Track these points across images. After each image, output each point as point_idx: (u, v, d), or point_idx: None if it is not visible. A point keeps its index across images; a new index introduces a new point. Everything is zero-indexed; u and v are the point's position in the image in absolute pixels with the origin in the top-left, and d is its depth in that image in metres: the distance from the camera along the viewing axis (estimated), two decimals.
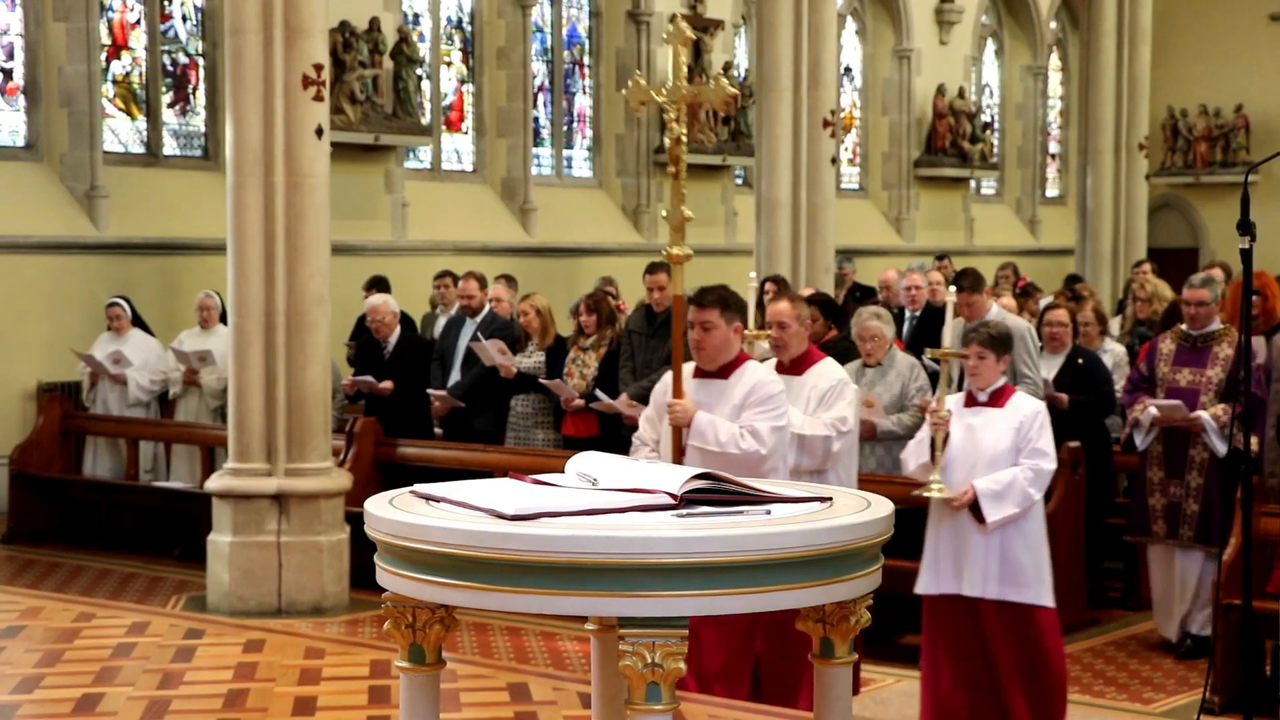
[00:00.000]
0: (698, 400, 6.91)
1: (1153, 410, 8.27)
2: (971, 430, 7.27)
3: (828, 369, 7.83)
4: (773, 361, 7.71)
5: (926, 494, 7.22)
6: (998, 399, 7.27)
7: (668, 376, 7.08)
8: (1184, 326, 8.50)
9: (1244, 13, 23.22)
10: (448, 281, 12.26)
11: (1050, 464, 7.11)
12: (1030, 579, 7.03)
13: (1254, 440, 7.76)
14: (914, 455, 7.42)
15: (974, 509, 7.06)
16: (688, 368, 7.05)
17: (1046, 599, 7.01)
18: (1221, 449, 8.14)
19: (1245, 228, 5.54)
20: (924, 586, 7.25)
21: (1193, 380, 8.31)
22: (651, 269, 10.37)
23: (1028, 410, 7.22)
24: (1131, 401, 8.49)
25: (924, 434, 7.35)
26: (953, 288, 8.35)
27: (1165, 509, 8.38)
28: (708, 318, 6.93)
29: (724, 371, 6.98)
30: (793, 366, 7.74)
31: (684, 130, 6.31)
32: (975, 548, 7.14)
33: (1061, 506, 8.71)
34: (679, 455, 6.88)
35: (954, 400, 7.45)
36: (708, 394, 6.97)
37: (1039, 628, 6.99)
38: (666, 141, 6.85)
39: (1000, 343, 7.31)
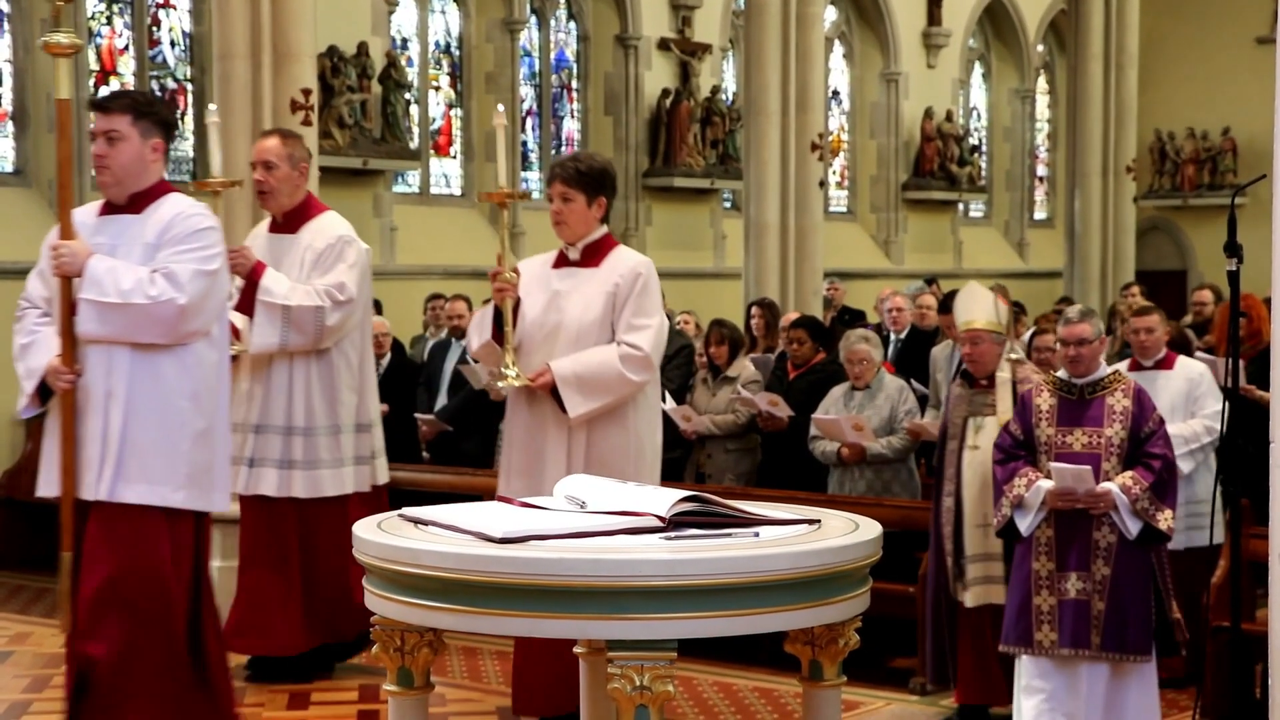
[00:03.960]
0: (101, 243, 5.44)
1: (1045, 484, 6.33)
2: (557, 298, 5.86)
3: (326, 224, 6.99)
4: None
5: (500, 383, 5.90)
6: (593, 256, 5.83)
7: (73, 219, 5.44)
8: (1062, 374, 6.52)
9: (1230, 36, 23.31)
10: (440, 304, 12.26)
11: (648, 340, 5.78)
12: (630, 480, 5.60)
13: (1169, 516, 6.28)
14: (477, 331, 6.00)
15: (558, 398, 5.79)
16: (91, 206, 5.67)
17: None
18: (1134, 529, 6.28)
19: (1233, 250, 5.57)
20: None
21: (1089, 443, 6.37)
22: None
23: (627, 269, 5.79)
24: (1008, 475, 6.43)
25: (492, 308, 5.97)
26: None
27: (1057, 610, 6.37)
28: (114, 126, 5.39)
29: (136, 203, 5.48)
30: (286, 223, 6.92)
31: None
32: (555, 450, 5.89)
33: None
34: (69, 314, 5.45)
35: (540, 260, 6.02)
36: (114, 233, 5.49)
37: None
38: None
39: (593, 180, 5.81)
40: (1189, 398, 7.77)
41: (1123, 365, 7.80)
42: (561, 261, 5.98)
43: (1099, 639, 6.30)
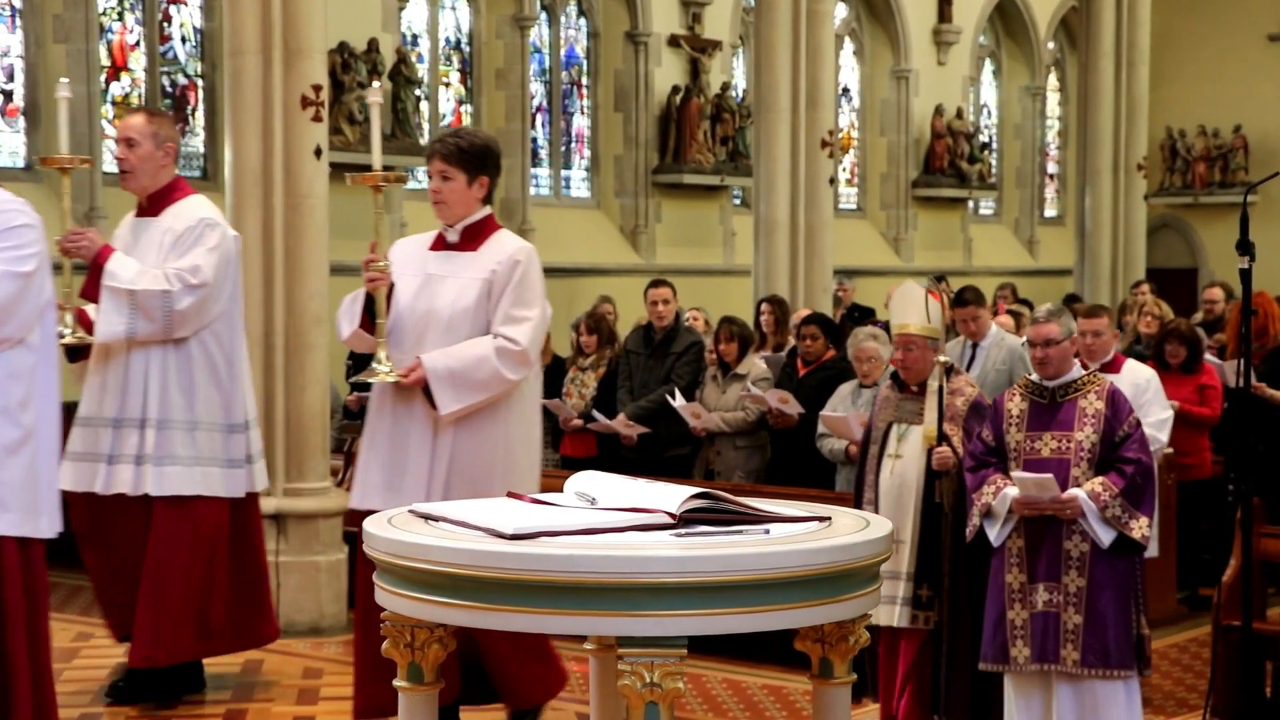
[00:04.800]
0: None
1: (1011, 490, 6.00)
2: (430, 283, 5.52)
3: (190, 208, 6.66)
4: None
5: (370, 377, 5.57)
6: (473, 239, 5.47)
7: None
8: (1034, 376, 6.22)
9: (1242, 33, 23.26)
10: None
11: (525, 333, 5.40)
12: (496, 490, 5.22)
13: (1144, 524, 5.92)
14: (346, 319, 5.64)
15: (428, 393, 5.44)
16: None
17: None
18: (1105, 538, 5.93)
19: (1244, 247, 5.57)
20: (354, 500, 5.78)
21: (1058, 448, 6.05)
22: (655, 284, 10.31)
23: (505, 256, 5.41)
24: (978, 482, 6.15)
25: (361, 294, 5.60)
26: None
27: (1031, 624, 6.05)
28: None
29: None
30: (150, 206, 6.68)
31: None
32: (418, 450, 5.52)
33: None
34: None
35: (417, 241, 5.68)
36: None
37: None
38: None
39: (474, 158, 5.48)
40: (1134, 404, 7.54)
41: None
42: (440, 244, 5.65)
43: (1078, 654, 5.94)
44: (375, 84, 6.00)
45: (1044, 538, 6.00)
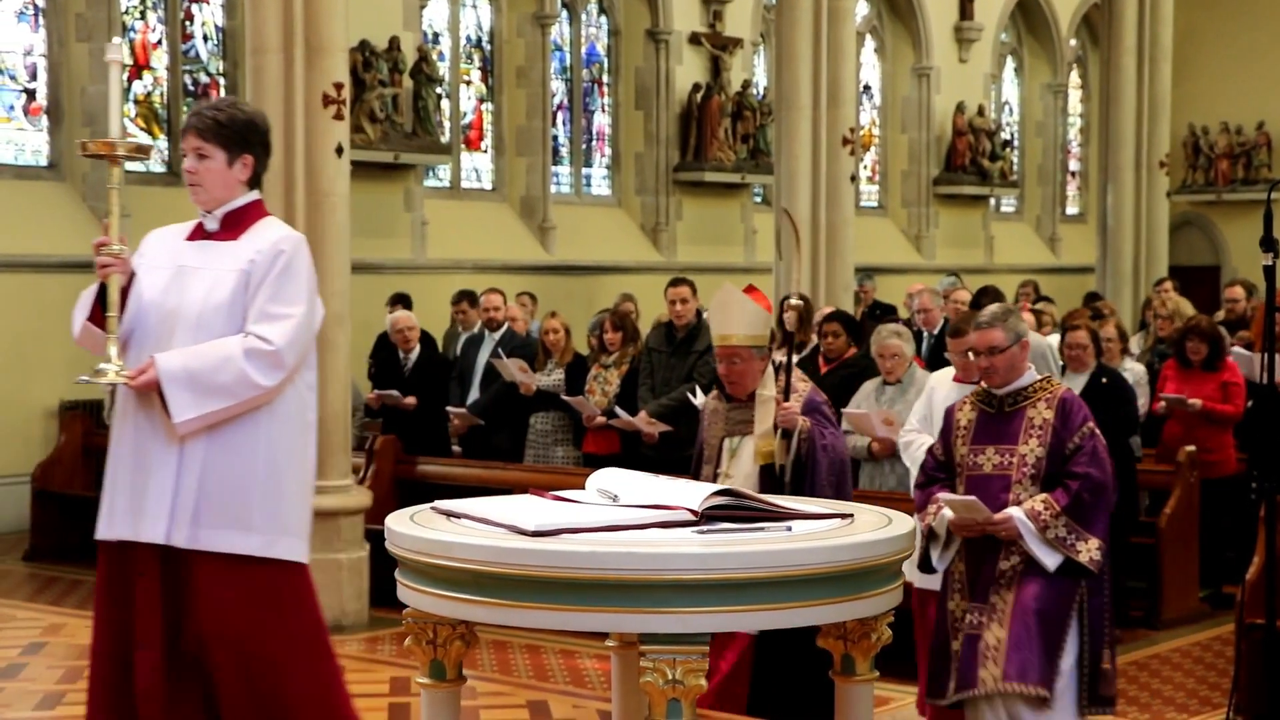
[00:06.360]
0: None
1: (947, 513, 5.48)
2: (181, 276, 4.77)
3: None
4: None
5: (98, 379, 4.66)
6: (234, 227, 4.78)
7: None
8: (982, 384, 5.73)
9: (1265, 30, 23.18)
10: (465, 306, 12.29)
11: (282, 333, 4.61)
12: (257, 518, 4.59)
13: (1093, 546, 5.41)
14: (80, 312, 4.80)
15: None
16: None
17: (284, 549, 4.60)
18: (1050, 561, 5.38)
19: (1269, 244, 5.55)
20: (98, 529, 4.79)
21: (1000, 463, 5.56)
22: (674, 283, 10.30)
23: (267, 244, 4.69)
24: (923, 500, 5.68)
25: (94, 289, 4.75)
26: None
27: (961, 650, 5.50)
28: None
29: None
30: None
31: None
32: (160, 467, 4.65)
33: None
34: None
35: (174, 231, 4.96)
36: None
37: (272, 594, 4.53)
38: None
39: (235, 134, 4.79)
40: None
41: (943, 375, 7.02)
42: (198, 233, 4.91)
43: (998, 669, 5.30)
44: (116, 39, 5.39)
45: (983, 560, 5.50)
